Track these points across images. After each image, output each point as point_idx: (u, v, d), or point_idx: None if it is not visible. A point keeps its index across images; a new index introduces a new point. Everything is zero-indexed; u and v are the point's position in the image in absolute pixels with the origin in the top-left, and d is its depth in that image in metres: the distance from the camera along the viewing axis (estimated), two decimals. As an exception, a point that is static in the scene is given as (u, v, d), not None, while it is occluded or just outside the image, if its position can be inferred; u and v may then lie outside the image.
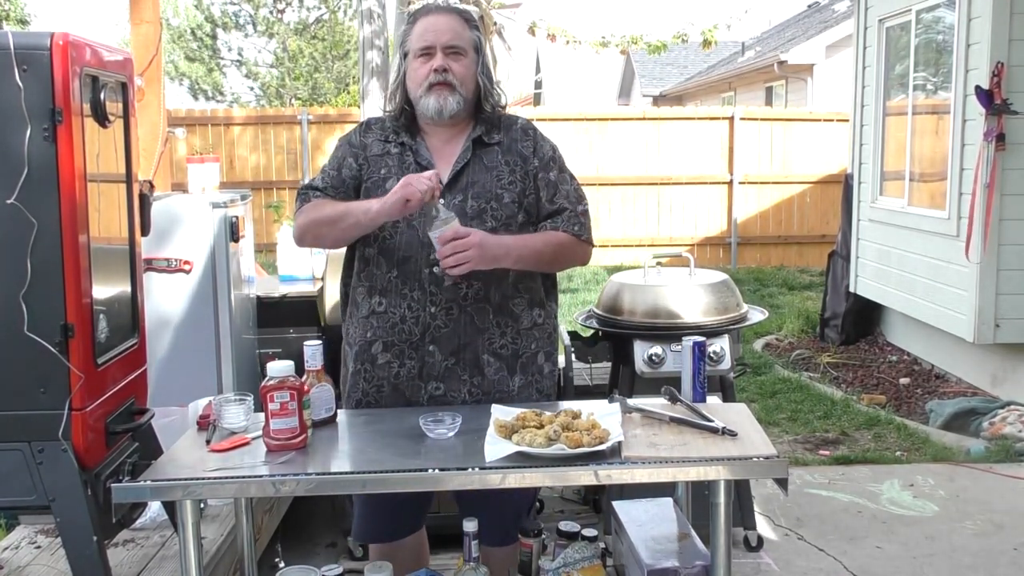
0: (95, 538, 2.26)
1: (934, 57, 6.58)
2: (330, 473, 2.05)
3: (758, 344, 7.63)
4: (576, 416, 2.21)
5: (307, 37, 25.11)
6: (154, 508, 2.92)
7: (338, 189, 2.53)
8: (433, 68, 2.42)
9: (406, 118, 2.53)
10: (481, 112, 2.53)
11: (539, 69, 30.18)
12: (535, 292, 2.55)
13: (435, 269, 2.38)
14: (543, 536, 2.66)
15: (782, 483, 2.05)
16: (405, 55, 2.50)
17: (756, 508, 3.86)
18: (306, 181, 2.67)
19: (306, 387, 2.20)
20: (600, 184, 11.92)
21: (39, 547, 2.88)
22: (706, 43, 8.41)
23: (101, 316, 2.36)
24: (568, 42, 7.83)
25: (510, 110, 2.72)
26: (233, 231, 3.77)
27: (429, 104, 2.44)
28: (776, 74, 16.43)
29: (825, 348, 7.42)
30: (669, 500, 2.74)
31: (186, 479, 2.00)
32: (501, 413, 2.24)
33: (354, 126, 2.68)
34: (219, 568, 2.79)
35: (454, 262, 2.29)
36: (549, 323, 2.61)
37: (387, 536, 2.66)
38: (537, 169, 2.52)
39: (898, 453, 4.97)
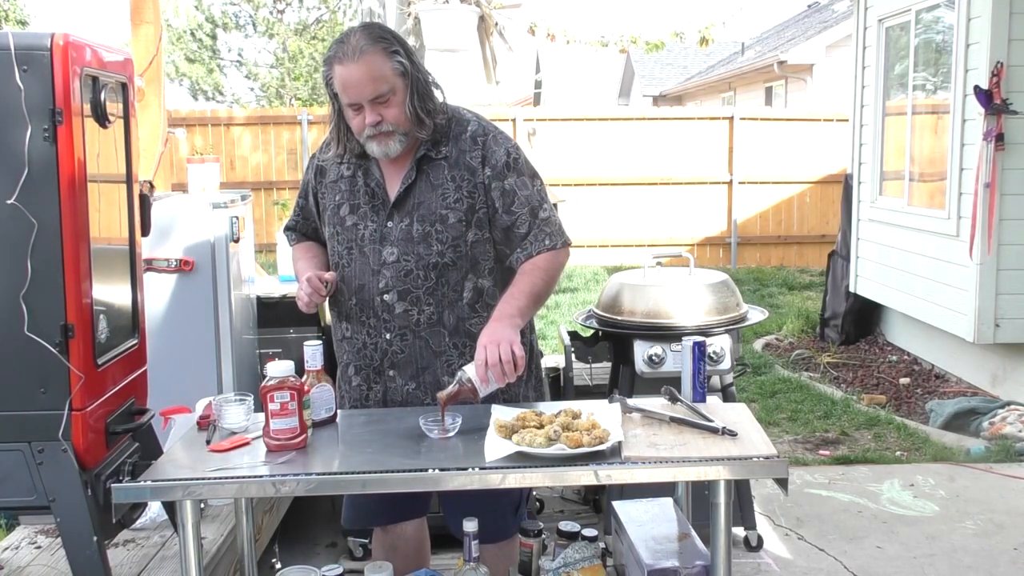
0: (95, 538, 2.26)
1: (934, 57, 6.58)
2: (330, 473, 2.05)
3: (758, 344, 7.63)
4: (576, 416, 2.21)
5: (307, 37, 25.08)
6: (154, 508, 2.92)
7: (308, 220, 2.68)
8: (366, 123, 2.35)
9: (354, 153, 2.48)
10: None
11: (539, 69, 30.17)
12: (495, 309, 2.45)
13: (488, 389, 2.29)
14: (543, 536, 2.66)
15: (782, 483, 2.05)
16: (335, 95, 2.39)
17: (756, 508, 3.86)
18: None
19: (306, 387, 2.21)
20: (600, 184, 11.92)
21: (39, 547, 2.88)
22: (703, 41, 8.43)
23: (101, 316, 2.36)
24: (568, 42, 7.84)
25: (510, 110, 2.70)
26: (233, 231, 3.77)
27: (374, 150, 2.40)
28: (776, 74, 16.43)
29: (825, 348, 7.42)
30: (669, 500, 2.74)
31: (186, 479, 2.00)
32: (501, 413, 2.24)
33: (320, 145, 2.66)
34: (219, 568, 2.79)
35: (498, 373, 2.23)
36: None
37: (375, 521, 2.66)
38: (489, 179, 2.43)
39: (898, 453, 4.97)
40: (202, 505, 2.81)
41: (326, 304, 2.62)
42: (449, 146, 2.45)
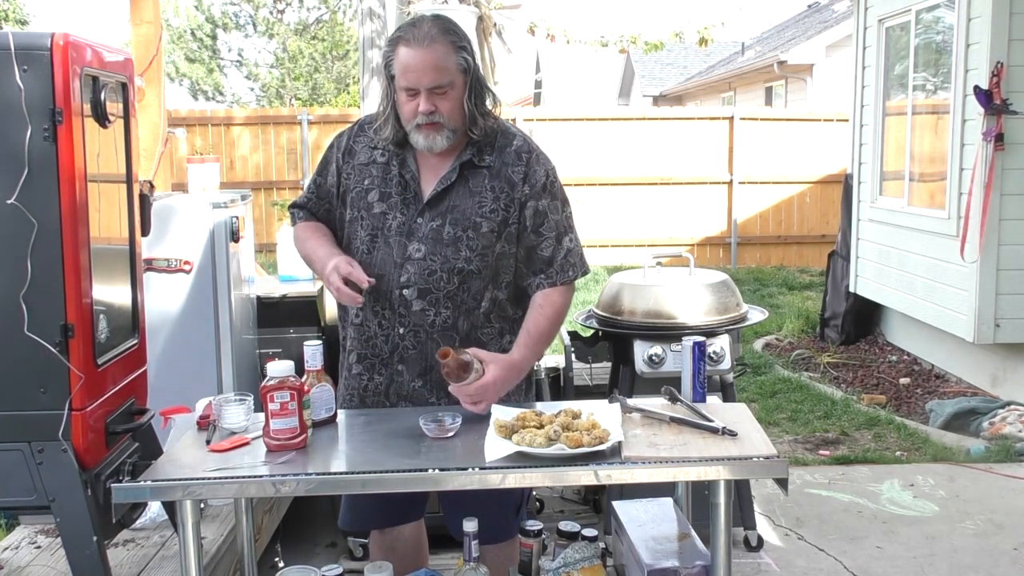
0: (95, 538, 2.26)
1: (934, 57, 6.58)
2: (330, 473, 2.06)
3: (758, 344, 7.63)
4: (576, 416, 2.21)
5: (307, 37, 25.09)
6: (154, 508, 2.92)
7: (322, 200, 2.58)
8: (419, 111, 2.35)
9: (398, 139, 2.46)
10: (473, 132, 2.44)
11: (539, 69, 30.18)
12: (507, 321, 2.51)
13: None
14: (543, 536, 2.66)
15: (782, 483, 2.05)
16: (391, 78, 2.39)
17: (756, 508, 3.86)
18: (305, 181, 2.69)
19: (306, 387, 2.21)
20: (600, 184, 11.92)
21: (39, 547, 2.88)
22: (702, 41, 8.42)
23: (101, 316, 2.36)
24: (568, 42, 7.83)
25: (510, 110, 2.69)
26: (233, 231, 3.77)
27: (419, 141, 2.39)
28: (776, 74, 16.43)
29: (825, 348, 7.42)
30: (669, 500, 2.74)
31: (186, 479, 2.00)
32: (501, 413, 2.24)
33: (349, 125, 2.65)
34: (219, 568, 2.79)
35: (470, 403, 2.30)
36: None
37: (373, 524, 2.66)
38: (526, 197, 2.45)
39: (898, 453, 4.97)
40: (202, 505, 2.81)
41: (326, 301, 2.62)
42: (493, 156, 2.46)
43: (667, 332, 3.44)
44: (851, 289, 7.54)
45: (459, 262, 2.40)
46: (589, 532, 2.60)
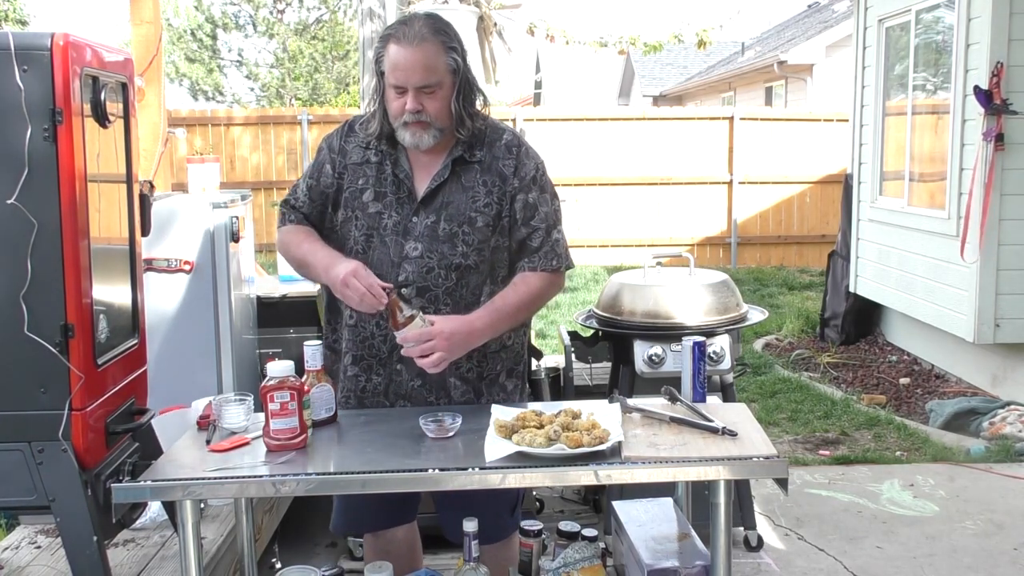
0: (95, 538, 2.27)
1: (934, 57, 6.59)
2: (330, 473, 2.06)
3: (758, 344, 7.63)
4: (576, 416, 2.21)
5: (307, 37, 25.11)
6: (154, 508, 2.92)
7: (315, 202, 2.54)
8: (406, 109, 2.35)
9: (386, 135, 2.46)
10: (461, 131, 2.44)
11: (539, 69, 30.18)
12: None
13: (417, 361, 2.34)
14: (543, 536, 2.67)
15: (782, 483, 2.05)
16: (382, 74, 2.39)
17: (756, 508, 3.86)
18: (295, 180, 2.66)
19: (306, 387, 2.21)
20: (600, 184, 11.92)
21: (39, 547, 2.88)
22: (701, 43, 8.42)
23: (101, 316, 2.36)
24: (567, 42, 7.83)
25: (510, 110, 2.69)
26: (233, 231, 3.77)
27: (405, 138, 2.39)
28: (776, 74, 16.44)
29: (825, 348, 7.42)
30: (669, 500, 2.74)
31: (186, 479, 2.00)
32: (501, 413, 2.24)
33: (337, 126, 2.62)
34: (219, 568, 2.79)
35: (419, 352, 2.28)
36: (518, 342, 2.59)
37: (365, 527, 2.65)
38: (516, 190, 2.45)
39: (898, 453, 4.97)
40: (202, 505, 2.81)
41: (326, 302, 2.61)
42: (483, 151, 2.47)
43: (667, 332, 3.44)
44: (851, 289, 7.54)
45: (456, 258, 2.41)
46: (589, 532, 2.61)
